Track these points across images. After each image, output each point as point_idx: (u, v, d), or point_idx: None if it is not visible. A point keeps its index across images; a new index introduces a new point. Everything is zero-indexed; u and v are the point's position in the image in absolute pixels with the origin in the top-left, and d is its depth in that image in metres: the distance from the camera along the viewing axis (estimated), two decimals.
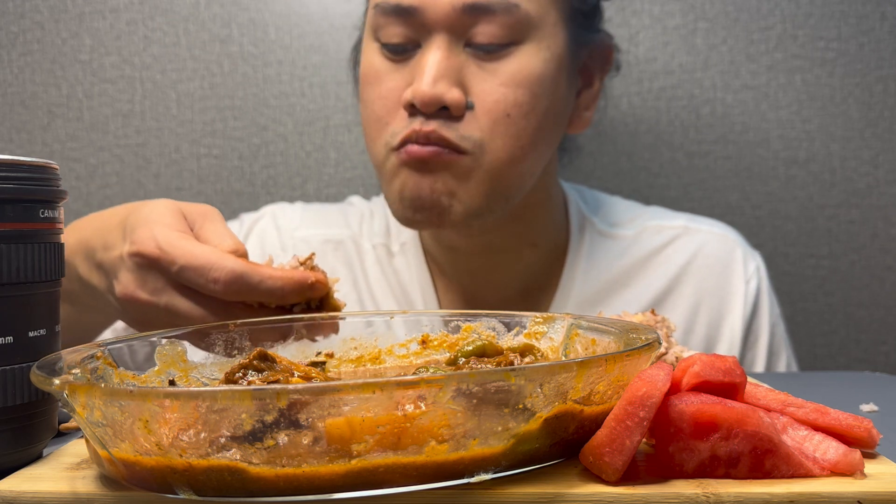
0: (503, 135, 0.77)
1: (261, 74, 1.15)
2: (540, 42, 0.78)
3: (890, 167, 1.14)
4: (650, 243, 0.94)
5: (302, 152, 1.16)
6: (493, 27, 0.76)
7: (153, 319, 0.61)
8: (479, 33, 0.76)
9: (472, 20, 0.76)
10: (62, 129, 1.16)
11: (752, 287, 0.92)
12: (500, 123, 0.77)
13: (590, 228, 0.94)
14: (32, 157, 0.44)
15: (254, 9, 1.15)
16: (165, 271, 0.59)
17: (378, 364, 0.57)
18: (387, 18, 0.78)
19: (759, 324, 0.92)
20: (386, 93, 0.79)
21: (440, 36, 0.76)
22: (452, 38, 0.76)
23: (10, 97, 1.16)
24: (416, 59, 0.78)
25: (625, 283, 0.92)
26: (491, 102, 0.76)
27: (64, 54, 1.16)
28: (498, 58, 0.77)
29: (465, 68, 0.77)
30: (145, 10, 1.15)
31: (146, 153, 1.16)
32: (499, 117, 0.76)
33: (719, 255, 0.93)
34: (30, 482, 0.39)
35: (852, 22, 1.12)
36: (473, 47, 0.77)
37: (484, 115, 0.76)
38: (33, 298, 0.44)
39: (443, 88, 0.75)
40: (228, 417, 0.33)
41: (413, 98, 0.75)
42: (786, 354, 0.94)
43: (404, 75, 0.78)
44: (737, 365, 0.41)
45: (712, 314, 0.92)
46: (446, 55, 0.76)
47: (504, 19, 0.76)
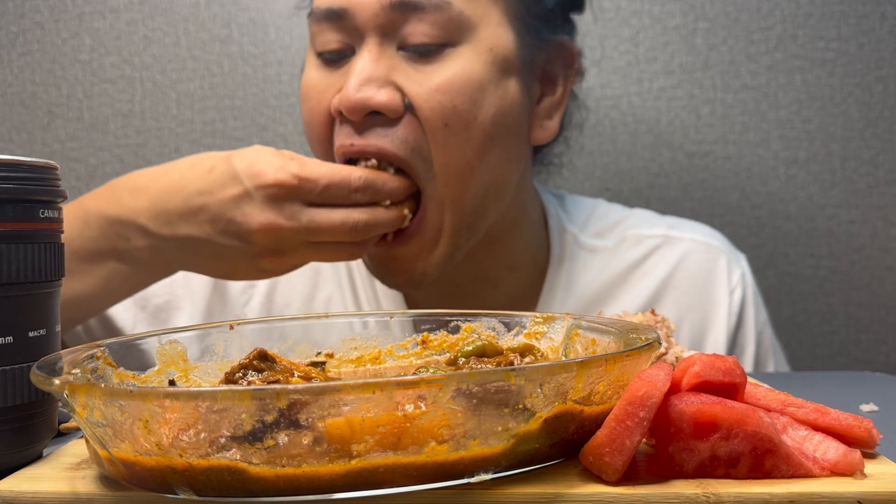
0: (444, 146, 0.72)
1: (261, 74, 1.15)
2: (479, 43, 0.73)
3: (890, 167, 1.14)
4: (630, 255, 0.90)
5: (302, 152, 1.16)
6: (425, 26, 0.71)
7: (290, 245, 0.67)
8: (411, 33, 0.71)
9: (403, 18, 0.71)
10: (62, 129, 1.16)
11: (737, 297, 0.89)
12: (439, 133, 0.71)
13: (570, 242, 0.90)
14: (32, 157, 0.44)
15: (254, 9, 1.15)
16: (306, 193, 0.66)
17: (378, 364, 0.57)
18: (320, 25, 0.75)
19: (745, 334, 0.90)
20: (318, 103, 0.75)
21: (372, 39, 0.72)
22: (385, 39, 0.72)
23: (10, 97, 1.16)
24: (348, 65, 0.74)
25: (604, 299, 0.88)
26: (427, 110, 0.71)
27: (64, 54, 1.16)
28: (432, 60, 0.72)
29: (398, 70, 0.72)
30: (145, 10, 1.15)
31: (146, 153, 1.16)
32: (437, 126, 0.71)
33: (702, 266, 0.90)
34: (30, 482, 0.39)
35: (852, 22, 1.12)
36: (407, 49, 0.72)
37: (422, 120, 0.72)
38: (33, 298, 0.44)
39: (370, 92, 0.70)
40: (228, 417, 0.33)
41: (339, 105, 0.71)
42: (773, 360, 0.91)
43: (334, 82, 0.74)
44: (737, 365, 0.41)
45: (695, 327, 0.89)
46: (376, 57, 0.72)
47: (436, 18, 0.71)
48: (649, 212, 0.97)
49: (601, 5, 1.12)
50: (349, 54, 0.74)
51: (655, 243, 0.91)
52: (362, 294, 0.90)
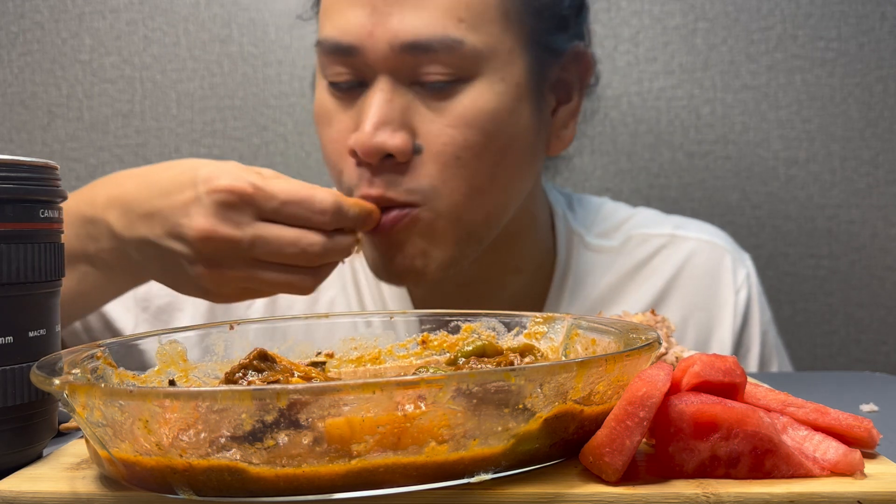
0: (454, 178, 0.72)
1: (261, 74, 1.15)
2: (493, 75, 0.73)
3: (890, 167, 1.14)
4: (636, 255, 0.90)
5: (302, 152, 1.16)
6: (438, 66, 0.71)
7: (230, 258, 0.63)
8: (424, 72, 0.71)
9: (414, 60, 0.71)
10: (62, 129, 1.16)
11: (742, 297, 0.89)
12: (450, 167, 0.72)
13: (577, 243, 0.90)
14: (32, 157, 0.44)
15: (254, 9, 1.15)
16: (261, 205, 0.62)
17: (378, 364, 0.57)
18: (329, 57, 0.74)
19: (750, 334, 0.90)
20: (336, 136, 0.75)
21: (383, 77, 0.71)
22: (396, 77, 0.72)
23: (10, 97, 1.16)
24: (362, 98, 0.73)
25: (611, 299, 0.89)
26: (439, 146, 0.71)
27: (64, 54, 1.16)
28: (446, 96, 0.72)
29: (411, 109, 0.72)
30: (145, 10, 1.15)
31: (146, 153, 1.16)
32: (448, 161, 0.72)
33: (707, 266, 0.90)
34: (30, 482, 0.39)
35: (852, 22, 1.12)
36: (420, 86, 0.72)
37: (432, 159, 0.72)
38: (33, 298, 0.44)
39: (385, 136, 0.70)
40: (228, 417, 0.33)
41: (355, 147, 0.71)
42: (777, 360, 0.91)
43: (352, 116, 0.74)
44: (737, 365, 0.41)
45: (701, 327, 0.89)
46: (389, 97, 0.71)
47: (447, 58, 0.70)
48: (654, 211, 0.97)
49: (601, 5, 1.12)
50: (361, 84, 0.74)
51: (661, 243, 0.91)
52: (367, 296, 0.90)
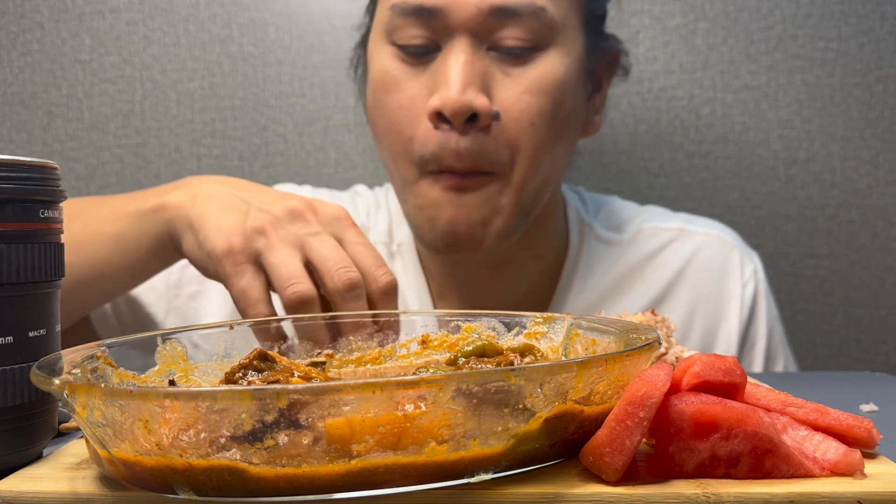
0: (527, 146, 0.75)
1: (261, 74, 1.15)
2: (563, 47, 0.76)
3: (890, 167, 1.14)
4: (646, 247, 0.92)
5: (302, 152, 1.16)
6: (519, 31, 0.73)
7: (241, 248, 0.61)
8: (504, 37, 0.73)
9: (498, 23, 0.73)
10: (62, 129, 1.16)
11: (749, 291, 0.91)
12: (526, 133, 0.74)
13: (588, 234, 0.92)
14: (32, 157, 0.44)
15: (254, 9, 1.15)
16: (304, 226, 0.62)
17: (378, 364, 0.57)
18: (405, 19, 0.74)
19: (756, 328, 0.91)
20: (407, 101, 0.75)
21: (463, 39, 0.73)
22: (475, 41, 0.73)
23: (10, 97, 1.16)
24: (436, 63, 0.75)
25: (620, 289, 0.90)
26: (516, 112, 0.74)
27: (64, 54, 1.16)
28: (522, 63, 0.74)
29: (488, 74, 0.74)
30: (145, 10, 1.15)
31: (146, 153, 1.16)
32: (524, 128, 0.74)
33: (716, 259, 0.92)
34: (30, 482, 0.39)
35: (852, 22, 1.12)
36: (497, 51, 0.74)
37: (510, 126, 0.74)
38: (33, 298, 0.44)
39: (471, 95, 0.71)
40: (228, 417, 0.33)
41: (442, 106, 0.72)
42: (783, 357, 0.92)
43: (424, 81, 0.75)
44: (737, 365, 0.41)
45: (708, 319, 0.90)
46: (470, 59, 0.73)
47: (530, 23, 0.73)
48: (663, 208, 0.99)
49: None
50: (433, 50, 0.75)
51: (671, 236, 0.93)
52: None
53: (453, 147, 0.73)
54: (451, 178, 0.74)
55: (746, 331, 0.91)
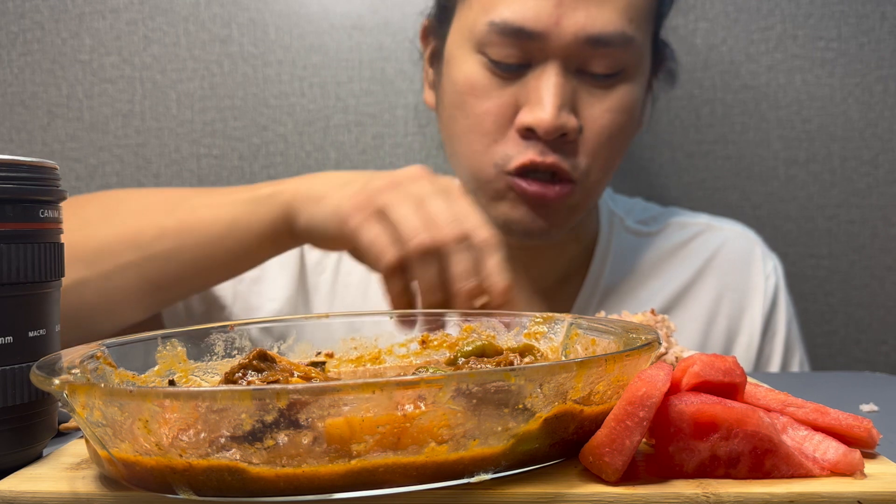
0: (602, 158, 0.81)
1: (261, 74, 1.15)
2: (638, 69, 0.82)
3: (890, 167, 1.13)
4: (675, 238, 0.97)
5: (302, 152, 1.16)
6: (608, 59, 0.78)
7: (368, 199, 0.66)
8: (594, 63, 0.78)
9: (590, 51, 0.77)
10: (62, 129, 1.16)
11: (771, 283, 0.96)
12: (603, 148, 0.80)
13: (617, 224, 0.97)
14: (32, 157, 0.44)
15: (254, 9, 1.15)
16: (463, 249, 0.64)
17: (378, 364, 0.57)
18: (503, 38, 0.78)
19: (777, 319, 0.96)
20: (494, 109, 0.80)
21: (555, 62, 0.77)
22: (566, 64, 0.78)
23: (10, 97, 1.16)
24: (525, 79, 0.79)
25: (650, 275, 0.95)
26: (598, 128, 0.79)
27: (64, 54, 1.16)
28: (607, 86, 0.80)
29: (575, 94, 0.79)
30: (145, 10, 1.15)
31: (146, 153, 1.16)
32: (602, 142, 0.80)
33: (741, 252, 0.97)
34: (30, 482, 0.39)
35: (852, 22, 1.12)
36: (586, 74, 0.79)
37: (591, 140, 0.79)
38: (33, 298, 0.44)
39: (564, 118, 0.77)
40: (228, 417, 0.33)
41: (537, 126, 0.76)
42: (800, 353, 0.97)
43: (513, 93, 0.79)
44: (737, 365, 0.41)
45: (733, 307, 0.95)
46: (563, 81, 0.77)
47: (618, 52, 0.78)
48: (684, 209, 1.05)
49: None
50: (525, 67, 0.79)
51: (698, 229, 0.99)
52: None
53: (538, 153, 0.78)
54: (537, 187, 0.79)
55: (769, 320, 0.95)
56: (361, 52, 1.14)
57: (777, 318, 0.96)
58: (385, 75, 1.14)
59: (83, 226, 0.74)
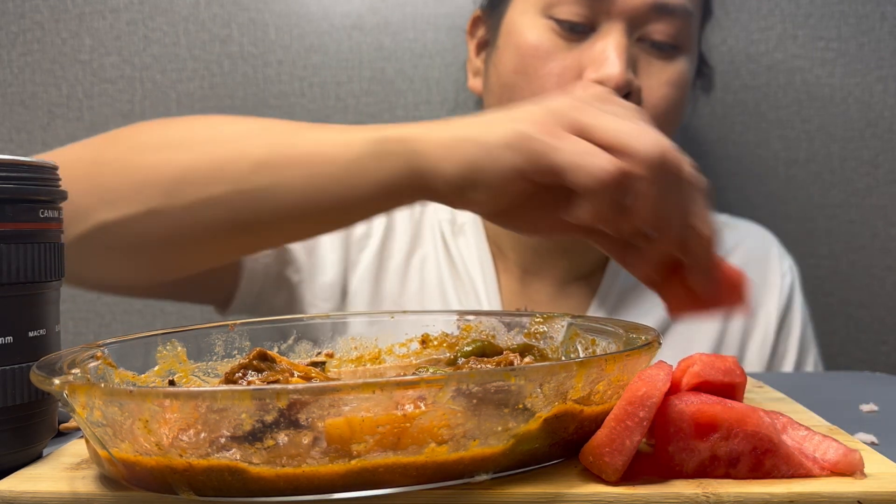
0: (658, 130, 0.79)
1: (261, 74, 1.15)
2: (691, 51, 0.84)
3: (890, 167, 1.13)
4: None
5: None
6: (669, 28, 0.80)
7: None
8: (655, 31, 0.79)
9: (653, 17, 0.79)
10: (62, 129, 1.16)
11: (787, 282, 0.96)
12: (659, 119, 0.78)
13: None
14: (32, 157, 0.44)
15: (254, 9, 1.15)
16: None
17: (378, 364, 0.57)
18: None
19: (793, 317, 0.96)
20: (559, 70, 0.80)
21: (620, 24, 0.78)
22: (630, 28, 0.79)
23: (10, 97, 1.16)
24: (589, 41, 0.80)
25: None
26: (655, 99, 0.80)
27: (64, 54, 1.16)
28: (665, 57, 0.81)
29: (636, 60, 0.80)
30: (145, 10, 1.15)
31: None
32: (659, 115, 0.79)
33: (759, 249, 0.98)
34: (30, 482, 0.39)
35: (852, 22, 1.12)
36: (646, 42, 0.80)
37: (649, 109, 0.79)
38: (33, 298, 0.44)
39: (631, 75, 0.78)
40: (228, 417, 0.33)
41: (606, 80, 0.76)
42: (814, 353, 0.97)
43: (577, 55, 0.80)
44: (737, 365, 0.41)
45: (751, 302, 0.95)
46: (626, 43, 0.78)
47: (679, 23, 0.80)
48: None
49: None
50: (588, 29, 0.80)
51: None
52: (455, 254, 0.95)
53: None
54: None
55: (784, 318, 0.95)
56: (361, 52, 1.14)
57: (792, 317, 0.96)
58: (385, 75, 1.14)
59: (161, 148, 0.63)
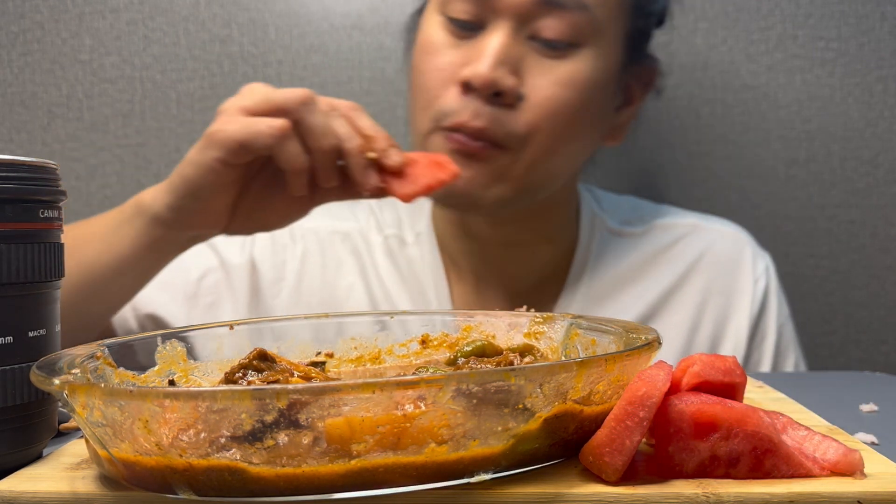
0: (546, 133, 0.78)
1: (261, 74, 1.15)
2: (599, 49, 0.80)
3: (890, 167, 1.13)
4: (659, 241, 0.95)
5: None
6: (561, 24, 0.77)
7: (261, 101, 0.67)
8: (546, 27, 0.77)
9: (542, 13, 0.77)
10: (62, 129, 1.16)
11: (761, 286, 0.93)
12: (547, 121, 0.78)
13: (599, 226, 0.95)
14: (32, 157, 0.44)
15: (254, 9, 1.15)
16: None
17: (378, 364, 0.57)
18: None
19: (767, 323, 0.93)
20: (442, 65, 0.80)
21: (507, 22, 0.77)
22: (518, 26, 0.77)
23: (10, 97, 1.16)
24: (477, 39, 0.79)
25: (632, 279, 0.92)
26: (542, 98, 0.78)
27: (64, 54, 1.16)
28: (558, 56, 0.78)
29: (524, 59, 0.78)
30: (145, 10, 1.15)
31: (146, 153, 1.16)
32: (546, 114, 0.78)
33: (728, 254, 0.94)
34: (30, 482, 0.39)
35: (852, 22, 1.12)
36: (537, 41, 0.78)
37: (533, 108, 0.77)
38: (33, 298, 0.44)
39: (501, 74, 0.76)
40: (228, 417, 0.33)
41: (472, 78, 0.76)
42: (794, 355, 0.94)
43: (463, 53, 0.79)
44: (737, 365, 0.41)
45: (719, 312, 0.92)
46: (510, 42, 0.77)
47: (573, 18, 0.77)
48: (677, 208, 1.02)
49: None
50: (479, 27, 0.79)
51: (684, 231, 0.96)
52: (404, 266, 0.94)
53: (472, 108, 0.77)
54: (462, 138, 0.78)
55: (756, 326, 0.93)
56: (361, 52, 1.14)
57: (766, 323, 0.93)
58: (385, 75, 1.14)
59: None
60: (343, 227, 0.97)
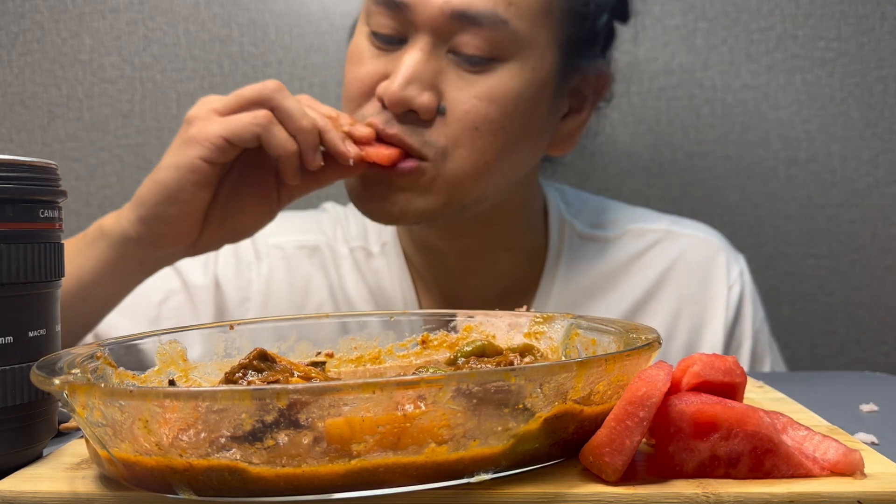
0: (468, 147, 0.75)
1: (261, 74, 1.15)
2: (525, 62, 0.77)
3: (890, 167, 1.13)
4: (632, 247, 0.92)
5: None
6: (479, 40, 0.74)
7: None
8: (464, 43, 0.75)
9: (459, 28, 0.74)
10: (62, 129, 1.16)
11: (735, 293, 0.91)
12: (467, 135, 0.75)
13: (569, 231, 0.92)
14: (32, 157, 0.44)
15: (254, 9, 1.15)
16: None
17: (378, 364, 0.57)
18: (378, 8, 0.77)
19: (742, 329, 0.91)
20: (364, 76, 0.78)
21: (424, 37, 0.75)
22: (436, 41, 0.75)
23: (10, 97, 1.16)
24: (400, 52, 0.77)
25: (605, 287, 0.90)
26: (461, 112, 0.75)
27: (64, 54, 1.16)
28: (478, 71, 0.76)
29: (443, 73, 0.75)
30: (145, 10, 1.15)
31: (146, 153, 1.16)
32: (467, 128, 0.75)
33: (701, 261, 0.92)
34: (30, 482, 0.39)
35: (852, 22, 1.12)
36: (456, 55, 0.75)
37: (453, 123, 0.75)
38: (33, 298, 0.44)
39: (413, 92, 0.74)
40: (228, 417, 0.33)
41: (383, 95, 0.75)
42: (770, 359, 0.93)
43: (384, 64, 0.77)
44: (737, 365, 0.41)
45: (693, 320, 0.91)
46: (426, 58, 0.75)
47: (490, 34, 0.74)
48: (650, 210, 0.99)
49: None
50: (401, 41, 0.78)
51: (657, 237, 0.93)
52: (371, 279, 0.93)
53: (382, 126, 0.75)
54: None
55: (732, 332, 0.91)
56: None
57: (742, 329, 0.91)
58: None
59: None
60: (310, 240, 0.95)
